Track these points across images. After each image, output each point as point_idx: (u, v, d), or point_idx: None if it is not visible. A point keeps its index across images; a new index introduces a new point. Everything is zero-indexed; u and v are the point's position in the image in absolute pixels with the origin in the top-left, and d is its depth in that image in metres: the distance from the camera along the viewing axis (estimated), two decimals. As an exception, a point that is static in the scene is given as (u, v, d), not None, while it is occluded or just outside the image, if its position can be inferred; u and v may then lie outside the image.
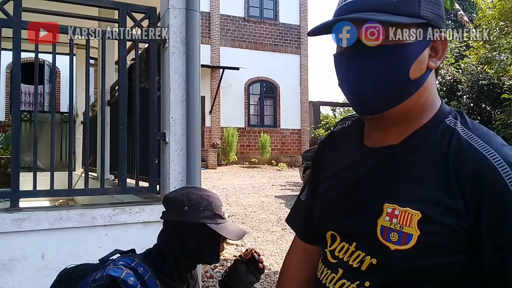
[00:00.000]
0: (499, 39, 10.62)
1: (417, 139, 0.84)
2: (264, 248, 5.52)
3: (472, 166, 0.75)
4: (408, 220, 0.77)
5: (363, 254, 0.83)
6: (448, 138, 0.80)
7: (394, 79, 0.80)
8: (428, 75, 0.84)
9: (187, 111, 2.79)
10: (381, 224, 0.80)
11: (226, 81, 16.05)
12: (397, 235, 0.78)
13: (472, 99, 13.60)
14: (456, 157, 0.77)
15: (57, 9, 2.74)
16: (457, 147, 0.78)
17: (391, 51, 0.80)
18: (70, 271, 1.42)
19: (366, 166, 0.88)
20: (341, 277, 0.87)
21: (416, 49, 0.81)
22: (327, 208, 0.96)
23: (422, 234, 0.75)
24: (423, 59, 0.82)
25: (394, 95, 0.82)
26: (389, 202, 0.80)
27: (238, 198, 8.83)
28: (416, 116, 0.85)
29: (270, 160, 16.00)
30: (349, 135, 1.00)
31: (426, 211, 0.76)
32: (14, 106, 2.60)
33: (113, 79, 4.91)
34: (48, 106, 11.20)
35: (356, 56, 0.82)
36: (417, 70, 0.81)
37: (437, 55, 0.84)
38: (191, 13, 2.81)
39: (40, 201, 4.44)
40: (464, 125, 0.83)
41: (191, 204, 1.39)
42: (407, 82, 0.81)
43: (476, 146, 0.77)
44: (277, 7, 17.63)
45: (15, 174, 2.52)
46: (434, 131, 0.83)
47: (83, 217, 2.53)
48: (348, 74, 0.84)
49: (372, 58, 0.80)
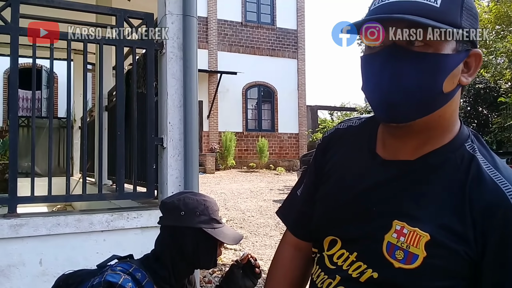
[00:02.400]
0: (495, 42, 10.68)
1: (435, 159, 0.81)
2: (262, 253, 5.51)
3: (488, 198, 0.75)
4: (416, 241, 0.76)
5: (365, 266, 0.82)
6: (467, 165, 0.79)
7: (428, 89, 0.76)
8: (457, 90, 0.81)
9: (185, 116, 2.80)
10: (388, 240, 0.79)
11: (224, 85, 16.08)
12: (402, 254, 0.77)
13: (469, 103, 13.66)
14: (473, 186, 0.76)
15: (55, 15, 2.75)
16: (475, 176, 0.77)
17: (430, 60, 0.76)
18: (68, 277, 1.42)
19: (378, 178, 0.86)
20: (338, 284, 0.86)
21: (453, 61, 0.77)
22: (330, 212, 0.93)
23: (428, 257, 0.75)
24: (457, 73, 0.79)
25: (425, 105, 0.78)
26: (399, 220, 0.79)
27: (236, 203, 8.82)
28: (436, 132, 0.82)
29: (268, 165, 16.00)
30: (358, 137, 0.97)
31: (435, 234, 0.75)
32: (12, 112, 2.60)
33: (111, 85, 4.92)
34: (45, 111, 11.20)
35: (392, 59, 0.77)
36: (450, 84, 0.78)
37: (469, 71, 0.81)
38: (188, 19, 2.83)
39: (38, 207, 4.43)
40: (482, 154, 0.82)
41: (188, 209, 1.39)
42: (439, 94, 0.77)
43: (495, 180, 0.76)
44: (274, 12, 17.68)
45: (12, 180, 2.52)
46: (454, 154, 0.81)
47: (81, 222, 2.53)
48: (380, 77, 0.78)
49: (409, 64, 0.76)
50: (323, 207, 0.96)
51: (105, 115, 4.47)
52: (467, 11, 0.77)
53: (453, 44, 0.76)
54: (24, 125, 7.57)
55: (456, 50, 0.77)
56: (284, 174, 15.17)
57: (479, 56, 0.80)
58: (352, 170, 0.92)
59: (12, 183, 2.52)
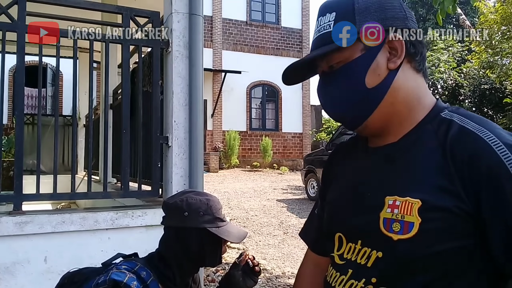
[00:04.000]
0: (501, 43, 10.63)
1: (414, 135, 0.86)
2: (266, 252, 5.51)
3: (469, 148, 0.76)
4: (409, 209, 0.78)
5: (369, 249, 0.84)
6: (445, 128, 0.82)
7: (353, 95, 0.86)
8: (393, 76, 0.86)
9: (190, 115, 2.80)
10: (383, 217, 0.81)
11: (228, 84, 16.08)
12: (399, 225, 0.78)
13: (474, 104, 13.61)
14: (453, 143, 0.79)
15: (61, 13, 2.76)
16: (454, 134, 0.80)
17: (345, 71, 0.87)
18: (73, 275, 1.42)
19: (369, 165, 0.92)
20: (350, 277, 0.87)
21: (365, 59, 0.85)
22: (334, 210, 0.97)
23: (424, 221, 0.76)
24: (378, 65, 0.85)
25: (361, 107, 0.87)
26: (390, 195, 0.82)
27: (240, 202, 8.82)
28: (404, 115, 0.88)
29: (272, 164, 16.00)
30: (357, 142, 1.03)
31: (425, 198, 0.77)
32: (18, 110, 2.61)
33: (116, 83, 4.92)
34: (50, 109, 11.25)
35: (322, 84, 0.93)
36: (375, 77, 0.85)
37: (397, 54, 0.86)
38: (194, 17, 2.82)
39: (42, 205, 4.44)
40: (461, 115, 0.84)
41: (191, 209, 1.39)
42: (367, 92, 0.85)
43: (473, 130, 0.78)
44: (279, 11, 17.67)
45: (18, 177, 2.53)
46: (430, 125, 0.85)
47: (86, 220, 2.53)
48: (321, 100, 0.94)
49: (331, 84, 0.89)
50: (330, 208, 1.00)
51: (110, 113, 4.48)
52: (362, 14, 0.85)
53: (359, 45, 0.85)
54: (29, 123, 7.58)
55: (364, 49, 0.85)
56: (287, 173, 15.17)
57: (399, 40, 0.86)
58: (350, 168, 0.98)
59: (18, 181, 2.52)
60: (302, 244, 5.98)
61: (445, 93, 14.03)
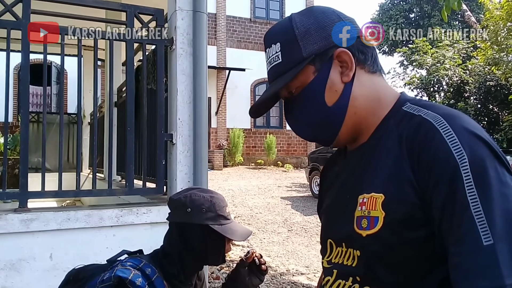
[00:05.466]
0: (506, 40, 10.56)
1: (379, 132, 0.87)
2: (271, 250, 5.52)
3: (411, 129, 0.79)
4: (374, 204, 0.79)
5: (352, 250, 0.85)
6: (404, 121, 0.83)
7: (317, 116, 0.88)
8: (350, 87, 0.87)
9: (194, 113, 2.80)
10: (356, 215, 0.83)
11: (232, 82, 16.07)
12: (366, 221, 0.80)
13: (479, 100, 13.53)
14: (408, 134, 0.80)
15: (65, 11, 2.76)
16: (411, 125, 0.81)
17: (301, 97, 0.89)
18: (78, 272, 1.43)
19: (347, 168, 0.94)
20: (336, 278, 0.88)
21: (320, 80, 0.86)
22: (326, 218, 0.99)
23: (387, 214, 0.77)
24: (333, 82, 0.86)
25: (328, 126, 0.89)
26: (361, 193, 0.83)
27: (244, 199, 8.83)
28: (369, 120, 0.89)
29: (276, 161, 15.99)
30: (340, 149, 1.05)
31: (387, 191, 0.78)
32: (23, 108, 2.62)
33: (120, 81, 4.93)
34: (55, 107, 11.28)
35: (286, 111, 0.95)
36: (333, 94, 0.86)
37: (348, 66, 0.87)
38: (198, 15, 2.82)
39: (47, 202, 4.47)
40: (419, 105, 0.85)
41: (194, 206, 1.39)
42: (329, 111, 0.87)
43: (427, 118, 0.79)
44: (283, 8, 17.63)
45: (23, 175, 2.54)
46: (392, 119, 0.86)
47: (91, 217, 2.54)
48: (290, 126, 0.98)
49: (294, 109, 0.92)
50: (323, 219, 1.02)
51: (114, 111, 4.49)
52: (304, 39, 0.86)
53: (311, 69, 0.86)
54: (34, 121, 7.61)
55: (316, 71, 0.86)
56: (292, 171, 15.16)
57: (343, 51, 0.86)
58: (335, 176, 0.99)
59: (23, 178, 2.53)
60: (307, 241, 5.99)
61: (450, 90, 13.96)
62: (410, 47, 16.10)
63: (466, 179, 0.69)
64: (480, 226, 0.67)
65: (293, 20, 0.89)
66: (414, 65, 15.69)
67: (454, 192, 0.70)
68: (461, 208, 0.69)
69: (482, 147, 0.72)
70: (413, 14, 24.44)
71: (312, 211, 7.76)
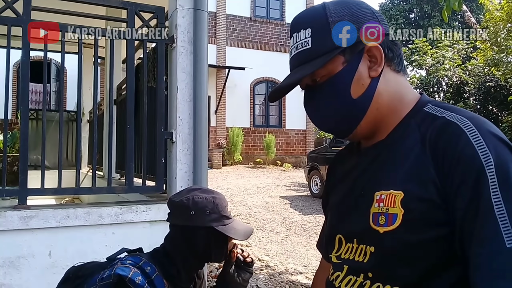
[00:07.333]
0: (506, 40, 10.57)
1: (399, 130, 0.88)
2: (269, 249, 5.52)
3: (435, 130, 0.79)
4: (393, 201, 0.80)
5: (365, 246, 0.85)
6: (427, 122, 0.83)
7: (340, 107, 0.88)
8: (376, 83, 0.88)
9: (194, 111, 2.80)
10: (372, 212, 0.83)
11: (232, 81, 16.06)
12: (384, 218, 0.80)
13: (479, 101, 13.53)
14: (432, 135, 0.80)
15: (66, 8, 2.76)
16: (435, 126, 0.81)
17: (326, 86, 0.88)
18: (78, 269, 1.43)
19: (361, 165, 0.93)
20: (346, 273, 0.89)
21: (348, 72, 0.86)
22: (335, 213, 0.99)
23: (406, 212, 0.77)
24: (361, 75, 0.87)
25: (349, 118, 0.89)
26: (378, 190, 0.84)
27: (243, 198, 8.83)
28: (389, 117, 0.90)
29: (275, 161, 15.99)
30: (352, 145, 1.05)
31: (407, 189, 0.78)
32: (23, 105, 2.61)
33: (120, 78, 4.93)
34: (54, 104, 11.26)
35: (308, 98, 0.94)
36: (359, 88, 0.87)
37: (377, 61, 0.87)
38: (199, 13, 2.82)
39: (46, 199, 4.46)
40: (442, 108, 0.85)
41: (197, 208, 1.39)
42: (353, 103, 0.87)
43: (453, 120, 0.79)
44: (283, 7, 17.61)
45: (23, 172, 2.53)
46: (413, 119, 0.87)
47: (90, 215, 2.54)
48: (309, 114, 0.95)
49: (317, 98, 0.91)
50: (331, 211, 1.02)
51: (114, 108, 4.49)
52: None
53: (340, 59, 0.86)
54: (33, 118, 7.59)
55: (345, 62, 0.86)
56: (291, 170, 15.15)
57: (375, 46, 0.87)
58: (346, 170, 1.00)
59: (23, 175, 2.53)
60: (305, 241, 5.99)
61: (449, 91, 13.96)
62: (410, 47, 16.12)
63: (492, 181, 0.70)
64: (503, 228, 0.68)
65: (327, 8, 0.88)
66: (414, 66, 15.70)
67: (478, 193, 0.71)
68: (485, 209, 0.70)
69: (507, 151, 0.74)
70: (413, 14, 24.46)
71: (310, 211, 7.77)
